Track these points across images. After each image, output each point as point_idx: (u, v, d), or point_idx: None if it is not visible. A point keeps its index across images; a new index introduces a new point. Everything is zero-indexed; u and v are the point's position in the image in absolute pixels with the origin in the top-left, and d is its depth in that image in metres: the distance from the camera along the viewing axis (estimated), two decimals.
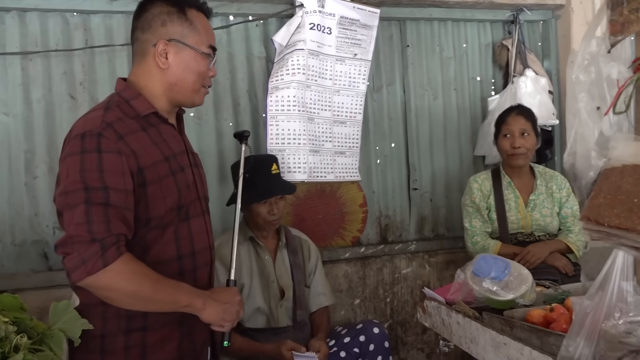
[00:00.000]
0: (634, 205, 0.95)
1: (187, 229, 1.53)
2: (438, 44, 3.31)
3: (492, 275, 1.89)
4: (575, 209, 2.77)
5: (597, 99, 1.03)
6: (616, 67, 1.04)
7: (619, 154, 1.02)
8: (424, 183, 3.29)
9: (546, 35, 3.45)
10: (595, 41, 1.03)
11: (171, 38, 1.50)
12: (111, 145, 1.37)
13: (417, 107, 3.28)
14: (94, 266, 1.29)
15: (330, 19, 2.90)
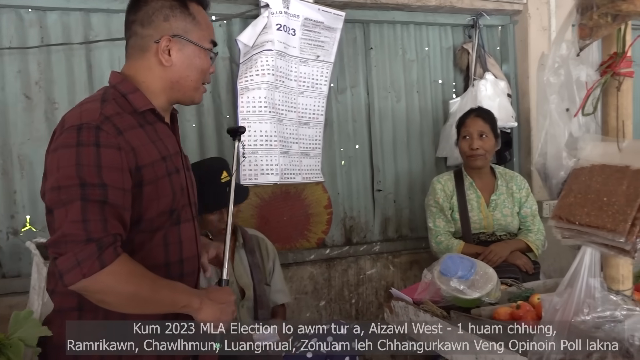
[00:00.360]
0: (603, 203, 0.98)
1: (177, 234, 1.45)
2: (401, 46, 3.35)
3: (459, 275, 1.92)
4: (534, 208, 2.85)
5: (566, 101, 1.06)
6: (585, 70, 1.07)
7: (588, 155, 1.05)
8: (387, 184, 3.32)
9: (504, 40, 3.54)
10: (565, 44, 1.06)
11: (175, 34, 1.42)
12: (111, 139, 1.28)
13: (381, 109, 3.30)
14: (90, 268, 1.20)
15: (294, 20, 2.89)
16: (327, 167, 3.18)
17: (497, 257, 2.65)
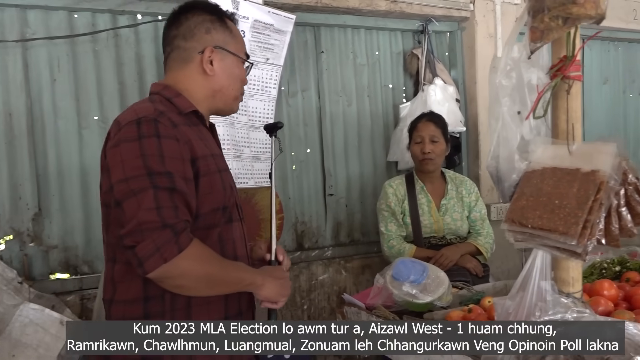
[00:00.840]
0: (555, 206, 0.98)
1: (231, 232, 1.48)
2: (352, 51, 3.35)
3: (410, 279, 1.91)
4: (484, 212, 2.90)
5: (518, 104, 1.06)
6: (536, 73, 1.07)
7: (539, 157, 1.05)
8: (339, 189, 3.30)
9: (453, 46, 3.60)
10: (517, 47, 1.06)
11: (216, 45, 1.49)
12: (169, 131, 1.32)
13: (332, 113, 3.29)
14: (170, 253, 1.22)
15: (244, 22, 2.83)
16: (278, 171, 3.13)
17: (448, 260, 2.67)
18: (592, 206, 0.93)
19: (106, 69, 2.76)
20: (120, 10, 2.76)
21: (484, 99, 3.49)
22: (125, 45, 2.80)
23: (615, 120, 4.30)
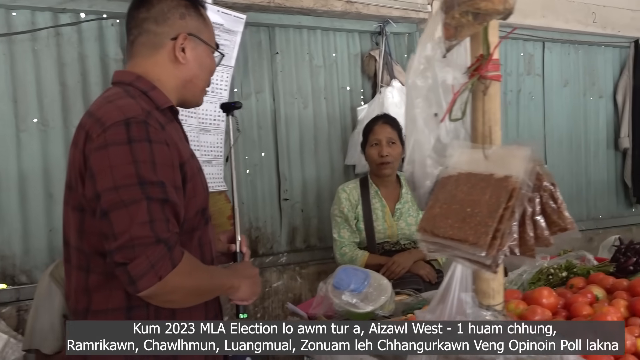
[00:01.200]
0: (466, 214, 0.92)
1: (207, 234, 1.44)
2: (308, 52, 3.28)
3: (351, 288, 1.85)
4: None
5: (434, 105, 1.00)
6: (451, 72, 1.01)
7: (455, 162, 0.99)
8: (295, 193, 3.23)
9: (411, 48, 3.55)
10: (431, 45, 1.00)
11: (190, 32, 1.41)
12: (159, 135, 1.25)
13: (287, 115, 3.21)
14: (164, 269, 1.18)
15: None
16: (230, 175, 3.04)
17: (400, 268, 2.61)
18: (502, 214, 0.87)
19: (47, 69, 2.64)
20: (62, 8, 2.64)
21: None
22: (67, 44, 2.69)
23: (575, 123, 4.31)
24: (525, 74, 4.06)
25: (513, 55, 3.99)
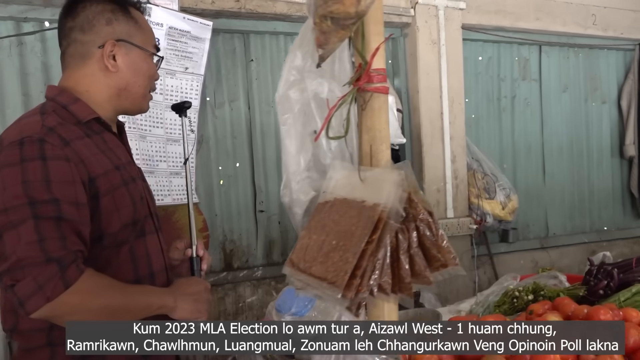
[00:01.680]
0: (332, 248, 0.80)
1: (144, 247, 1.36)
2: (285, 59, 3.16)
3: (292, 311, 1.73)
4: None
5: (311, 122, 0.88)
6: (326, 84, 0.89)
7: (333, 186, 0.87)
8: (271, 205, 3.12)
9: (395, 53, 3.43)
10: (301, 54, 0.89)
11: (119, 38, 1.33)
12: (57, 151, 1.19)
13: (263, 124, 3.11)
14: (54, 290, 1.12)
15: (157, 29, 2.66)
16: (203, 187, 2.96)
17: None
18: (365, 249, 0.74)
19: (9, 78, 2.60)
20: (24, 17, 2.59)
21: (427, 109, 3.32)
22: (30, 54, 2.63)
23: (576, 130, 4.11)
24: (521, 79, 3.88)
25: (507, 59, 3.82)
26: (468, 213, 3.41)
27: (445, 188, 3.33)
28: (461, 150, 3.41)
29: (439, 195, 3.33)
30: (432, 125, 3.32)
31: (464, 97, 3.44)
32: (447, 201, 3.34)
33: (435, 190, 3.32)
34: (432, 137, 3.32)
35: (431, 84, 3.31)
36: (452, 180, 3.36)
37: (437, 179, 3.32)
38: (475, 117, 3.73)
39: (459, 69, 3.41)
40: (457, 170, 3.39)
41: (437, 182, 3.33)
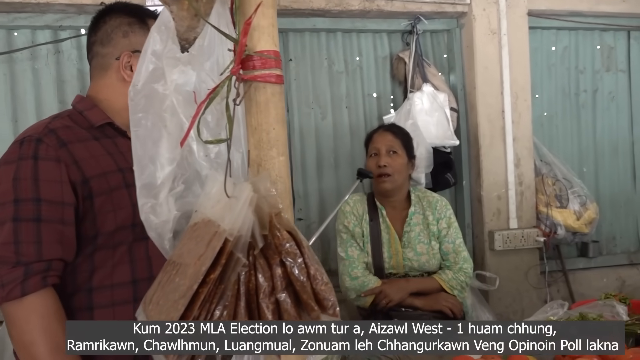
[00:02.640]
0: (173, 287, 0.60)
1: (145, 250, 1.37)
2: (326, 57, 2.98)
3: None
4: (459, 243, 2.39)
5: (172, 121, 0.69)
6: (194, 74, 0.70)
7: (204, 204, 0.67)
8: (311, 213, 2.93)
9: (451, 47, 3.11)
10: (159, 36, 0.69)
11: (135, 49, 1.40)
12: (50, 152, 1.27)
13: (303, 127, 2.94)
14: (10, 293, 1.17)
15: None
16: None
17: (387, 300, 2.21)
18: (198, 292, 0.54)
19: (46, 87, 2.64)
20: (59, 25, 2.62)
21: (486, 106, 2.97)
22: (67, 62, 2.66)
23: None
24: (604, 70, 3.39)
25: (586, 48, 3.35)
26: (536, 223, 3.01)
27: (507, 195, 2.96)
28: (527, 152, 3.02)
29: (500, 204, 2.96)
30: (492, 124, 2.97)
31: (530, 93, 3.05)
32: (509, 210, 2.96)
33: (495, 197, 2.96)
34: (491, 138, 2.97)
35: (490, 78, 2.96)
36: (516, 186, 2.98)
37: (498, 185, 2.96)
38: (547, 114, 3.31)
39: (525, 61, 3.02)
40: (521, 175, 3.00)
41: (498, 189, 2.96)
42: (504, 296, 2.96)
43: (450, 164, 2.89)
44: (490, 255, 2.93)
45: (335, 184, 2.97)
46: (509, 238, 2.92)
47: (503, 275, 2.93)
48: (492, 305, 2.90)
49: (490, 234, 2.93)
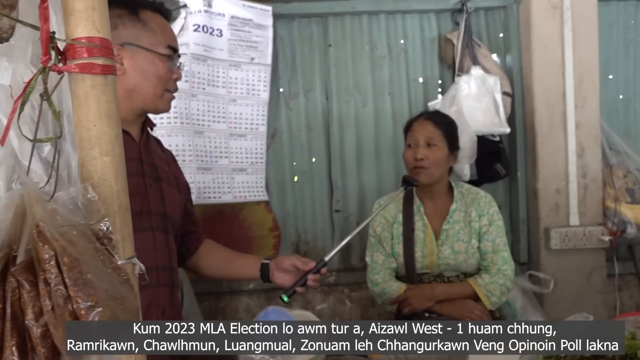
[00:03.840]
0: None
1: (152, 240, 1.44)
2: (368, 41, 2.83)
3: None
4: (498, 242, 2.18)
5: None
6: (10, 66, 0.63)
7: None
8: (349, 204, 2.82)
9: (507, 25, 2.83)
10: None
11: (124, 42, 1.40)
12: None
13: (342, 115, 2.82)
14: None
15: (219, 19, 2.56)
16: (275, 183, 2.80)
17: (409, 308, 2.06)
18: None
19: None
20: None
21: (543, 90, 2.68)
22: None
23: None
24: None
25: None
26: (602, 220, 2.69)
27: (567, 189, 2.66)
28: (593, 140, 2.69)
29: (559, 198, 2.67)
30: (550, 110, 2.67)
31: (599, 74, 2.70)
32: (569, 205, 2.66)
33: (553, 191, 2.67)
34: (549, 126, 2.67)
35: (549, 58, 2.66)
36: (579, 178, 2.67)
37: (557, 177, 2.67)
38: (623, 97, 2.93)
39: (592, 39, 2.68)
40: (585, 166, 2.68)
41: (557, 181, 2.67)
42: (562, 300, 2.68)
43: (499, 154, 2.64)
44: (546, 255, 2.66)
45: (375, 174, 2.84)
46: (568, 236, 2.63)
47: (561, 277, 2.66)
48: (548, 309, 2.64)
49: (545, 231, 2.65)
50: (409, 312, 2.07)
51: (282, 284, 1.72)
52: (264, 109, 2.70)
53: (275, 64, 2.76)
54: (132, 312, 0.64)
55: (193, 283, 2.44)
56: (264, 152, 2.71)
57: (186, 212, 1.75)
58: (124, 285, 0.62)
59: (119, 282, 0.61)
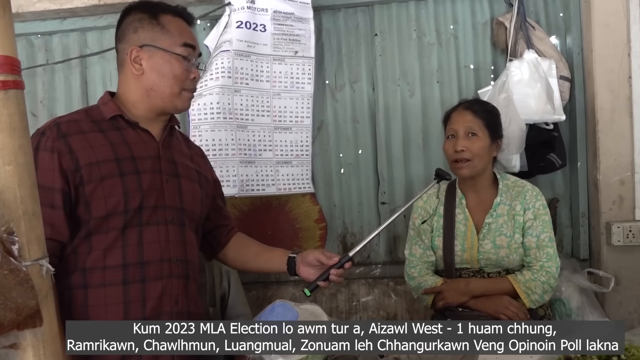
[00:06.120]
0: None
1: (138, 236, 1.48)
2: (415, 28, 2.75)
3: None
4: (544, 237, 2.06)
5: None
6: None
7: None
8: (396, 196, 2.77)
9: (567, 4, 2.63)
10: None
11: (143, 44, 1.52)
12: (48, 143, 1.42)
13: (389, 105, 2.77)
14: None
15: (262, 14, 2.60)
16: (322, 175, 2.81)
17: (443, 302, 2.00)
18: None
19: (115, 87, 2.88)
20: None
21: (605, 72, 2.46)
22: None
23: None
24: None
25: None
26: None
27: (633, 180, 2.44)
28: None
29: (623, 190, 2.45)
30: (613, 94, 2.45)
31: None
32: (635, 198, 2.44)
33: (616, 182, 2.46)
34: (612, 112, 2.46)
35: (612, 38, 2.44)
36: None
37: (621, 168, 2.45)
38: None
39: None
40: None
41: (621, 172, 2.46)
42: (626, 300, 2.47)
43: (553, 143, 2.47)
44: (608, 251, 2.47)
45: (422, 165, 2.76)
46: (632, 231, 2.41)
47: (625, 276, 2.46)
48: (609, 309, 2.45)
49: (607, 226, 2.45)
50: (442, 306, 2.01)
51: (307, 278, 1.72)
52: (308, 101, 2.71)
53: (321, 56, 2.76)
54: (24, 311, 0.68)
55: (241, 273, 2.51)
56: (309, 144, 2.73)
57: (216, 206, 1.80)
58: (21, 286, 0.65)
59: (15, 283, 0.65)
